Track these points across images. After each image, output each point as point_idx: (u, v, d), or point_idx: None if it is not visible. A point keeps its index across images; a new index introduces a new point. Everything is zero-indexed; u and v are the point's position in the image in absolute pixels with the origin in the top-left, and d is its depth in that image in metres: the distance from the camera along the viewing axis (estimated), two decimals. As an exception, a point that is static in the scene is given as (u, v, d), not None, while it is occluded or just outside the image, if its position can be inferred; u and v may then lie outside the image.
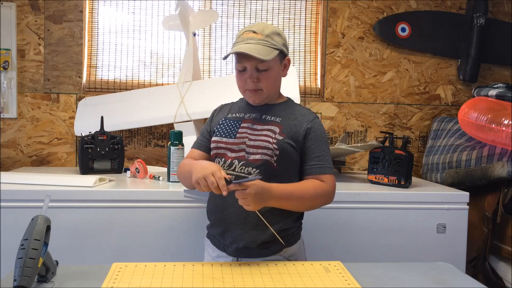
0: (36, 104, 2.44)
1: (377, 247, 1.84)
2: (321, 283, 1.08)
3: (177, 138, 1.91)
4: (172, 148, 1.88)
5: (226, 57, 1.37)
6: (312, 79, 2.67)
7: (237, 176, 1.31)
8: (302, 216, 1.43)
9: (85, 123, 2.34)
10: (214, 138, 1.40)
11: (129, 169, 2.06)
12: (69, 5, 2.44)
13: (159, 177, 1.98)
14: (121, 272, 1.12)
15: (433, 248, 1.86)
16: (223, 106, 1.52)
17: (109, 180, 1.92)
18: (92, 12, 2.52)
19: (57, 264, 1.10)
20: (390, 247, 1.85)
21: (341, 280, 1.10)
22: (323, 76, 2.63)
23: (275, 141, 1.31)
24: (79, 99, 2.45)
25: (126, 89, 2.52)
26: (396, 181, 1.97)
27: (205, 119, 2.40)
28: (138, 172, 2.03)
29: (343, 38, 2.62)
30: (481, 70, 2.68)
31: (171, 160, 1.89)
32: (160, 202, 1.76)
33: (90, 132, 2.15)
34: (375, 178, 2.04)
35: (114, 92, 2.49)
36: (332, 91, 2.62)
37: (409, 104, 2.68)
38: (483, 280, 2.07)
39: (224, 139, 1.37)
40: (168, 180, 1.92)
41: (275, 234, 1.27)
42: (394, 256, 1.84)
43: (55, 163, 2.47)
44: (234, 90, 1.48)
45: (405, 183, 1.95)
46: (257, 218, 1.30)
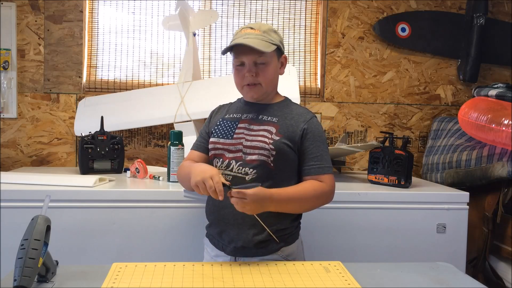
0: (36, 104, 2.44)
1: (377, 247, 1.84)
2: (321, 283, 1.08)
3: (177, 138, 1.91)
4: (172, 148, 1.88)
5: (225, 52, 1.38)
6: (312, 79, 2.67)
7: (235, 177, 1.31)
8: (300, 216, 1.43)
9: (85, 123, 2.34)
10: (212, 139, 1.41)
11: (129, 169, 2.06)
12: (69, 5, 2.44)
13: (159, 177, 1.98)
14: (121, 272, 1.12)
15: (433, 248, 1.86)
16: (221, 107, 1.53)
17: (109, 180, 1.92)
18: (92, 12, 2.52)
19: (57, 264, 1.10)
20: (390, 247, 1.85)
21: (341, 280, 1.10)
22: (323, 76, 2.63)
23: (272, 141, 1.32)
24: (79, 99, 2.45)
25: (126, 89, 2.52)
26: (396, 181, 1.97)
27: (205, 119, 2.40)
28: (138, 172, 2.03)
29: (343, 38, 2.62)
30: (481, 70, 2.68)
31: (171, 160, 1.89)
32: (160, 202, 1.76)
33: (90, 132, 2.15)
34: (375, 178, 2.04)
35: (114, 92, 2.49)
36: (332, 91, 2.62)
37: (409, 104, 2.68)
38: (483, 280, 2.07)
39: (222, 140, 1.38)
40: (168, 180, 1.92)
41: (271, 234, 1.27)
42: (394, 256, 1.84)
43: (55, 163, 2.47)
44: (234, 90, 1.48)
45: (405, 183, 1.95)
46: (254, 218, 1.31)
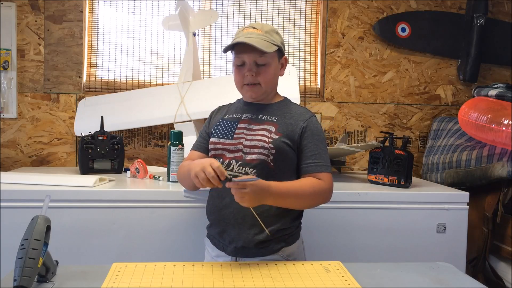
0: (36, 104, 2.44)
1: (377, 247, 1.84)
2: (321, 283, 1.08)
3: (177, 138, 1.91)
4: (172, 148, 1.88)
5: (227, 50, 1.38)
6: (312, 79, 2.67)
7: (235, 177, 1.31)
8: (301, 216, 1.43)
9: (85, 123, 2.34)
10: (212, 139, 1.41)
11: (129, 169, 2.06)
12: (69, 5, 2.44)
13: (159, 177, 1.98)
14: (121, 272, 1.12)
15: (433, 248, 1.86)
16: (221, 108, 1.53)
17: (109, 180, 1.92)
18: (92, 12, 2.52)
19: (57, 264, 1.10)
20: (390, 247, 1.85)
21: (341, 280, 1.10)
22: (323, 76, 2.63)
23: (271, 141, 1.32)
24: (79, 99, 2.45)
25: (126, 89, 2.52)
26: (396, 181, 1.97)
27: (205, 119, 2.40)
28: (138, 172, 2.03)
29: (343, 38, 2.62)
30: (481, 70, 2.68)
31: (171, 160, 1.89)
32: (160, 202, 1.76)
33: (90, 132, 2.15)
34: (375, 178, 2.04)
35: (114, 92, 2.49)
36: (332, 91, 2.62)
37: (409, 104, 2.68)
38: (483, 280, 2.07)
39: (222, 140, 1.38)
40: (168, 180, 1.92)
41: (264, 229, 1.25)
42: (394, 256, 1.84)
43: (55, 163, 2.47)
44: (234, 90, 1.49)
45: (405, 183, 1.95)
46: (254, 219, 1.31)
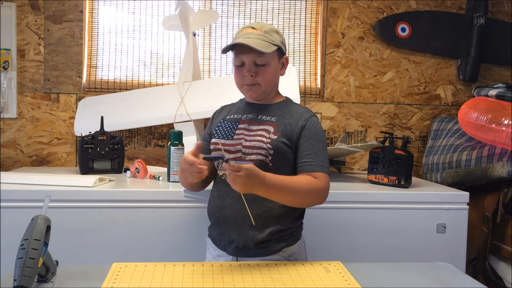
0: (36, 104, 2.44)
1: (377, 247, 1.84)
2: (321, 283, 1.08)
3: (177, 138, 1.91)
4: (172, 148, 1.88)
5: (225, 51, 1.38)
6: (312, 79, 2.67)
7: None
8: (303, 216, 1.43)
9: (85, 123, 2.34)
10: (213, 140, 1.42)
11: (129, 169, 2.06)
12: (69, 5, 2.44)
13: (159, 177, 1.98)
14: (121, 272, 1.12)
15: (433, 248, 1.86)
16: (223, 108, 1.53)
17: (109, 180, 1.92)
18: (92, 12, 2.52)
19: (57, 264, 1.10)
20: (390, 247, 1.85)
21: (341, 280, 1.10)
22: (323, 76, 2.63)
23: (269, 141, 1.32)
24: (79, 99, 2.45)
25: (126, 89, 2.52)
26: (396, 181, 1.97)
27: (205, 119, 2.40)
28: (138, 172, 2.03)
29: (343, 38, 2.62)
30: (481, 70, 2.68)
31: (171, 160, 1.89)
32: (160, 202, 1.76)
33: (90, 132, 2.15)
34: (375, 178, 2.04)
35: (114, 92, 2.49)
36: (332, 91, 2.62)
37: (409, 104, 2.68)
38: (483, 280, 2.07)
39: (222, 141, 1.38)
40: (168, 180, 1.92)
41: (251, 217, 1.22)
42: (394, 256, 1.84)
43: (55, 163, 2.47)
44: (234, 90, 1.49)
45: (405, 183, 1.95)
46: (255, 218, 1.30)
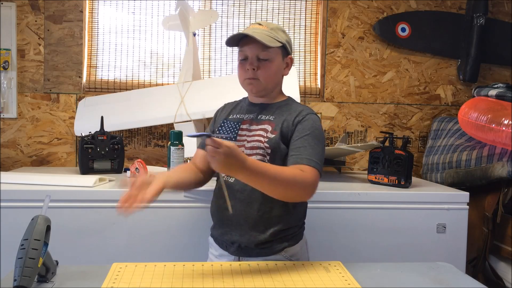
0: (36, 104, 2.44)
1: (377, 247, 1.84)
2: (321, 283, 1.08)
3: (177, 138, 1.90)
4: (172, 148, 1.88)
5: (229, 41, 1.35)
6: (312, 79, 2.67)
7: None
8: (304, 216, 1.43)
9: (85, 123, 2.34)
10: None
11: (129, 169, 2.06)
12: (69, 5, 2.44)
13: (159, 177, 1.98)
14: (121, 272, 1.12)
15: (433, 248, 1.86)
16: (226, 106, 1.52)
17: (109, 180, 1.92)
18: (92, 12, 2.52)
19: (57, 264, 1.10)
20: (390, 247, 1.85)
21: (341, 280, 1.10)
22: (323, 76, 2.63)
23: (266, 140, 1.32)
24: (79, 99, 2.45)
25: (126, 89, 2.52)
26: (396, 181, 1.97)
27: (205, 119, 2.40)
28: (138, 172, 2.03)
29: (343, 38, 2.61)
30: (481, 70, 2.68)
31: (171, 160, 1.89)
32: (160, 202, 1.75)
33: (90, 132, 2.15)
34: (375, 178, 2.04)
35: (114, 92, 2.49)
36: (332, 91, 2.62)
37: (409, 104, 2.68)
38: (483, 280, 2.07)
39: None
40: (168, 180, 1.92)
41: (228, 205, 1.19)
42: (394, 256, 1.84)
43: (55, 163, 2.47)
44: (234, 90, 1.48)
45: (405, 183, 1.95)
46: (256, 219, 1.31)
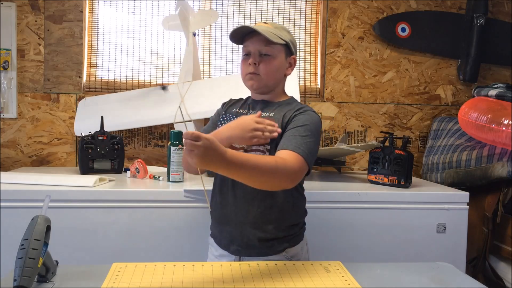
0: (36, 104, 2.44)
1: (377, 247, 1.84)
2: (321, 283, 1.08)
3: (177, 138, 1.91)
4: (172, 148, 1.88)
5: (233, 35, 1.36)
6: (312, 79, 2.67)
7: None
8: (305, 213, 1.43)
9: (85, 123, 2.34)
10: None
11: (129, 169, 2.06)
12: (69, 5, 2.44)
13: (159, 177, 1.98)
14: (121, 272, 1.12)
15: (433, 248, 1.86)
16: (231, 100, 1.52)
17: (109, 180, 1.92)
18: (92, 12, 2.52)
19: (57, 264, 1.10)
20: (390, 247, 1.85)
21: (341, 280, 1.10)
22: (323, 76, 2.63)
23: None
24: (79, 99, 2.45)
25: (126, 89, 2.52)
26: (396, 181, 1.97)
27: (205, 119, 2.40)
28: (138, 172, 2.03)
29: (343, 38, 2.62)
30: (481, 70, 2.68)
31: (171, 160, 1.89)
32: (160, 202, 1.76)
33: (90, 132, 2.15)
34: (375, 178, 2.04)
35: (114, 92, 2.49)
36: (332, 91, 2.62)
37: (409, 104, 2.68)
38: (483, 280, 2.07)
39: None
40: (168, 180, 1.92)
41: (208, 203, 1.15)
42: (394, 256, 1.84)
43: (55, 163, 2.47)
44: (235, 90, 1.49)
45: (405, 183, 1.95)
46: (256, 217, 1.31)
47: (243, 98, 1.51)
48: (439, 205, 1.87)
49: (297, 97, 2.24)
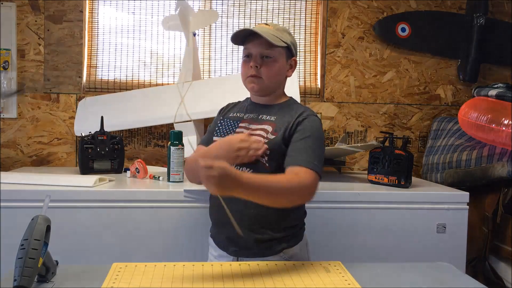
0: (36, 104, 2.44)
1: (377, 247, 1.84)
2: (321, 283, 1.08)
3: (177, 138, 1.91)
4: (172, 148, 1.88)
5: (234, 37, 1.35)
6: (312, 79, 2.67)
7: None
8: (304, 215, 1.43)
9: (85, 123, 2.34)
10: (214, 138, 1.41)
11: (129, 169, 2.06)
12: (69, 5, 2.44)
13: (159, 177, 1.98)
14: (121, 272, 1.12)
15: (433, 248, 1.86)
16: (229, 105, 1.52)
17: (109, 180, 1.92)
18: (92, 12, 2.52)
19: (57, 264, 1.10)
20: (390, 247, 1.85)
21: (341, 280, 1.10)
22: (323, 76, 2.63)
23: (266, 141, 1.31)
24: (79, 99, 2.45)
25: (126, 89, 2.52)
26: (396, 181, 1.97)
27: (205, 119, 2.40)
28: (138, 172, 2.03)
29: (343, 38, 2.62)
30: (481, 70, 2.67)
31: (171, 160, 1.89)
32: (160, 202, 1.76)
33: (90, 132, 2.15)
34: (375, 178, 2.04)
35: (114, 92, 2.49)
36: (332, 91, 2.62)
37: (409, 104, 2.68)
38: (483, 280, 2.07)
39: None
40: (168, 180, 1.92)
41: (235, 226, 1.14)
42: (394, 256, 1.84)
43: (55, 163, 2.47)
44: (235, 90, 1.49)
45: (405, 183, 1.95)
46: (254, 219, 1.30)
47: (241, 101, 1.51)
48: (439, 205, 1.87)
49: (297, 98, 2.24)
